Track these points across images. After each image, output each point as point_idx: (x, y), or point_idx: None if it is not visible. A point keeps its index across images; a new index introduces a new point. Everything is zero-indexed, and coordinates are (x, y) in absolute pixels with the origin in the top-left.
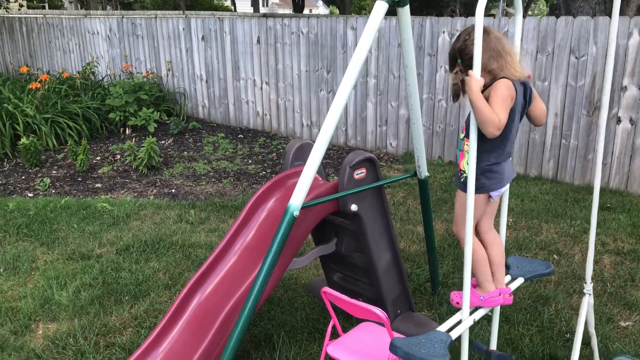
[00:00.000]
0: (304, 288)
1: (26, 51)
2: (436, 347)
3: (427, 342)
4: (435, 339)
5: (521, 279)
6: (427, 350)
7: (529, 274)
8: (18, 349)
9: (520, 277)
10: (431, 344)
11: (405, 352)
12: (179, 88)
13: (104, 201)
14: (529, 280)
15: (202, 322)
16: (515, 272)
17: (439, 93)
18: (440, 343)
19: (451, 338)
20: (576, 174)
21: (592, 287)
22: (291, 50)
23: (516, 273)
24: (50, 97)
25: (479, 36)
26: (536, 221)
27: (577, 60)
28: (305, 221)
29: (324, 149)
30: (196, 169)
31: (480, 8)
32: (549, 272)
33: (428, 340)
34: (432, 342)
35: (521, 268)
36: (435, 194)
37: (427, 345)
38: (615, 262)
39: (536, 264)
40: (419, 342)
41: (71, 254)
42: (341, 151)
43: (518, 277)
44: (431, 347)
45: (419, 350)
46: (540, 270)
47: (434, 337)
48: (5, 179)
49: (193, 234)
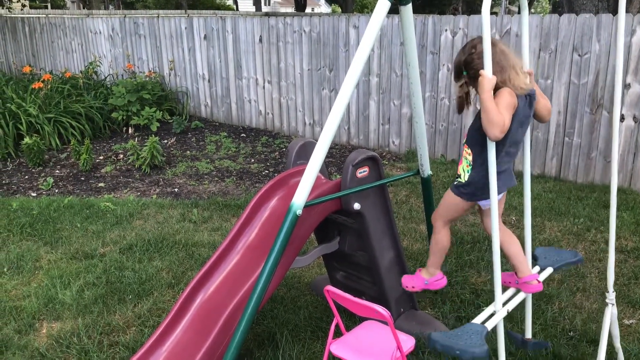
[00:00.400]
0: (307, 287)
1: (29, 51)
2: (473, 339)
3: (464, 334)
4: (471, 331)
5: (550, 269)
6: (465, 341)
7: (558, 264)
8: (22, 347)
9: (549, 267)
10: (468, 335)
11: (443, 344)
12: (182, 87)
13: (107, 200)
14: (559, 270)
15: (205, 320)
16: (544, 262)
17: (441, 91)
18: (476, 334)
19: (487, 329)
20: (579, 172)
21: (594, 283)
22: (293, 49)
23: (544, 263)
24: (53, 96)
25: (487, 36)
26: (539, 219)
27: (580, 58)
28: (308, 220)
29: (327, 148)
30: (199, 168)
31: (485, 8)
32: (577, 260)
33: (464, 332)
34: (469, 334)
35: (549, 258)
36: (438, 192)
37: (465, 337)
38: (619, 260)
39: (564, 253)
40: (456, 334)
41: (75, 253)
42: (343, 150)
43: (547, 268)
44: (468, 339)
45: (457, 342)
46: (569, 259)
47: (470, 329)
48: (8, 179)
49: (196, 233)
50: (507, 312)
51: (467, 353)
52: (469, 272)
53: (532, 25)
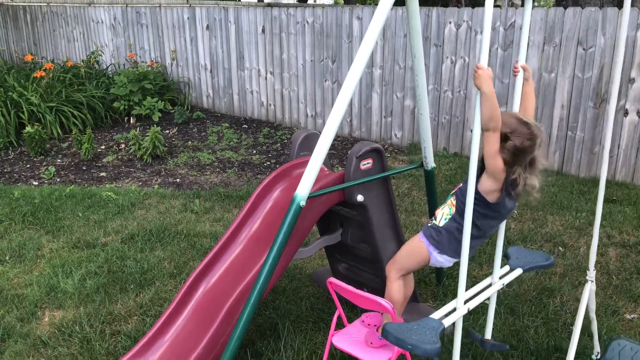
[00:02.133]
0: (308, 278)
1: (30, 39)
2: (427, 334)
3: (420, 328)
4: (427, 326)
5: (520, 270)
6: (419, 336)
7: (528, 265)
8: (24, 335)
9: (518, 268)
10: (423, 330)
11: (396, 337)
12: (184, 77)
13: (108, 190)
14: (527, 272)
15: (208, 311)
16: (515, 262)
17: (444, 84)
18: (432, 330)
19: (443, 325)
20: (582, 166)
21: (596, 277)
22: (296, 40)
23: (515, 264)
24: (54, 85)
25: (487, 26)
26: (541, 213)
27: (584, 51)
28: (311, 211)
29: (331, 140)
30: (200, 158)
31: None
32: (548, 264)
33: (420, 327)
34: (424, 329)
35: (521, 259)
36: (441, 185)
37: (419, 332)
38: (621, 254)
39: (536, 255)
40: (411, 328)
41: (76, 242)
42: (346, 142)
43: (517, 268)
44: (423, 334)
45: (410, 336)
46: (540, 261)
47: (426, 324)
48: (10, 168)
49: (198, 224)
50: (467, 310)
51: (418, 349)
52: (470, 265)
53: (537, 19)
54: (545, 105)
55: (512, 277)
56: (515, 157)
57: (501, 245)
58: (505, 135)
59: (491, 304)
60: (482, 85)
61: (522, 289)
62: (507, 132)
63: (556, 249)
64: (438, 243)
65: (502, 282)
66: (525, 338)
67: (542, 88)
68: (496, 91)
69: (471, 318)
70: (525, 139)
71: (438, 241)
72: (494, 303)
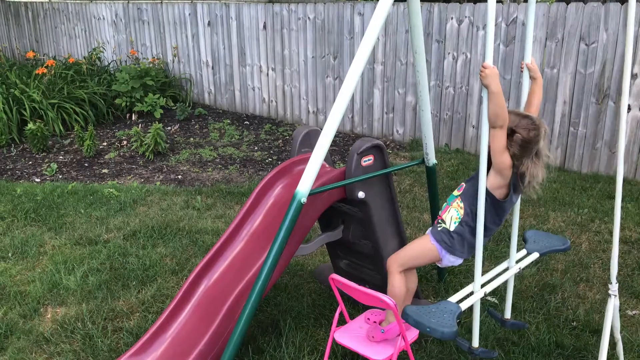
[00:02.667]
0: (310, 274)
1: (32, 36)
2: (445, 317)
3: (438, 312)
4: (445, 309)
5: (536, 254)
6: (437, 320)
7: (545, 249)
8: (27, 332)
9: (535, 252)
10: (441, 313)
11: (415, 320)
12: (185, 74)
13: (110, 187)
14: (544, 256)
15: (209, 307)
16: (532, 246)
17: (446, 80)
18: (449, 314)
19: (460, 309)
20: (584, 162)
21: (598, 274)
22: (297, 36)
23: (532, 247)
24: (56, 82)
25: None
26: (543, 209)
27: (587, 47)
28: (312, 208)
29: (332, 136)
30: (202, 155)
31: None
32: (565, 247)
33: (439, 310)
34: (442, 312)
35: (538, 243)
36: (442, 181)
37: (438, 315)
38: (623, 250)
39: (553, 239)
40: (430, 311)
41: (78, 239)
42: (347, 138)
43: (533, 252)
44: (441, 317)
45: (429, 319)
46: (557, 245)
47: (444, 307)
48: (12, 164)
49: (200, 220)
50: (484, 294)
51: (436, 332)
52: (473, 261)
53: (539, 14)
54: (548, 101)
55: (529, 261)
56: (523, 149)
57: (517, 229)
58: (511, 130)
59: (509, 287)
60: (491, 84)
61: (523, 285)
62: (512, 126)
63: None
64: (450, 247)
65: (519, 265)
66: (526, 334)
67: (544, 84)
68: None
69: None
70: (531, 130)
71: (450, 245)
72: (512, 285)
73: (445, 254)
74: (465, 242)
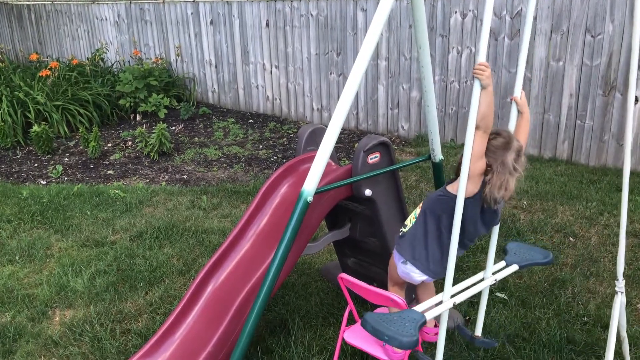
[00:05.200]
0: (317, 273)
1: (35, 38)
2: (407, 326)
3: (399, 320)
4: (407, 318)
5: (515, 266)
6: (397, 328)
7: (525, 262)
8: (35, 335)
9: (514, 264)
10: (402, 322)
11: (373, 327)
12: (189, 73)
13: (116, 188)
14: (524, 269)
15: (217, 308)
16: (511, 258)
17: (451, 75)
18: (412, 322)
19: (425, 318)
20: (591, 155)
21: (607, 267)
22: (300, 33)
23: (512, 260)
24: (60, 84)
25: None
26: (551, 203)
27: (592, 39)
28: (319, 207)
29: (337, 134)
30: (207, 154)
31: None
32: (546, 261)
33: (400, 319)
34: (404, 321)
35: (519, 255)
36: (449, 176)
37: (398, 323)
38: (633, 244)
39: (535, 251)
40: (391, 319)
41: (85, 240)
42: (352, 135)
43: (513, 264)
44: (401, 326)
45: (389, 327)
46: (538, 259)
47: (407, 315)
48: (18, 167)
49: (206, 220)
50: (453, 305)
51: (395, 340)
52: (480, 257)
53: (544, 6)
54: (554, 94)
55: (507, 273)
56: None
57: (495, 241)
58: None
59: (482, 300)
60: (490, 84)
61: (533, 281)
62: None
63: (567, 239)
64: (401, 250)
65: (495, 277)
66: (537, 330)
67: (550, 77)
68: (504, 81)
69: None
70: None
71: (402, 247)
72: (485, 298)
73: (398, 261)
74: (418, 246)
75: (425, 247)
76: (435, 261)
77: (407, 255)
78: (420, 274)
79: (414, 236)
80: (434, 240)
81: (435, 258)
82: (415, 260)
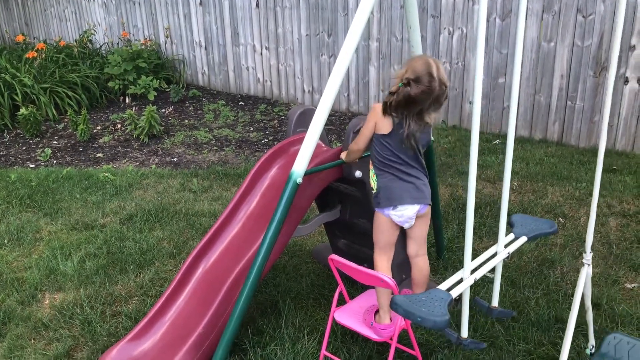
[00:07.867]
0: (308, 255)
1: (22, 20)
2: (436, 306)
3: (428, 300)
4: (436, 298)
5: (524, 238)
6: (428, 309)
7: (532, 233)
8: (25, 318)
9: (523, 236)
10: (432, 302)
11: (405, 310)
12: (178, 55)
13: (105, 171)
14: (532, 240)
15: (208, 290)
16: (519, 230)
17: (442, 56)
18: (440, 302)
19: (451, 297)
20: (582, 136)
21: (596, 247)
22: (291, 14)
23: (519, 232)
24: (47, 66)
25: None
26: (541, 184)
27: (584, 19)
28: (308, 188)
29: (327, 115)
30: (197, 137)
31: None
32: (552, 231)
33: (429, 299)
34: (433, 301)
35: (525, 226)
36: (440, 158)
37: (428, 304)
38: (621, 224)
39: (540, 222)
40: (420, 300)
41: (75, 224)
42: (343, 117)
43: (521, 236)
44: (432, 306)
45: (420, 309)
46: (545, 229)
47: (435, 295)
48: (6, 150)
49: (196, 203)
50: (474, 281)
51: (428, 321)
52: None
53: None
54: (545, 75)
55: (517, 246)
56: (405, 104)
57: (505, 214)
58: (408, 80)
59: (497, 273)
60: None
61: (522, 261)
62: (411, 78)
63: (556, 220)
64: (383, 203)
65: (507, 250)
66: (526, 310)
67: (541, 57)
68: (495, 61)
69: (474, 290)
70: (420, 92)
71: (383, 202)
72: (499, 272)
73: (386, 210)
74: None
75: (397, 187)
76: (408, 190)
77: (393, 202)
78: (411, 206)
79: (385, 187)
80: (395, 178)
81: (407, 188)
82: (401, 199)
